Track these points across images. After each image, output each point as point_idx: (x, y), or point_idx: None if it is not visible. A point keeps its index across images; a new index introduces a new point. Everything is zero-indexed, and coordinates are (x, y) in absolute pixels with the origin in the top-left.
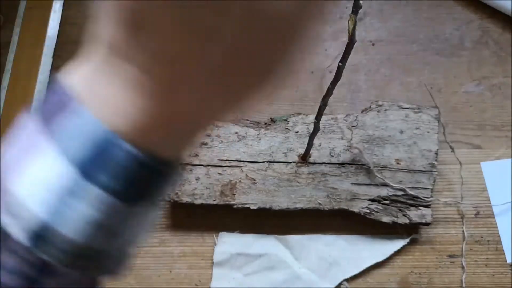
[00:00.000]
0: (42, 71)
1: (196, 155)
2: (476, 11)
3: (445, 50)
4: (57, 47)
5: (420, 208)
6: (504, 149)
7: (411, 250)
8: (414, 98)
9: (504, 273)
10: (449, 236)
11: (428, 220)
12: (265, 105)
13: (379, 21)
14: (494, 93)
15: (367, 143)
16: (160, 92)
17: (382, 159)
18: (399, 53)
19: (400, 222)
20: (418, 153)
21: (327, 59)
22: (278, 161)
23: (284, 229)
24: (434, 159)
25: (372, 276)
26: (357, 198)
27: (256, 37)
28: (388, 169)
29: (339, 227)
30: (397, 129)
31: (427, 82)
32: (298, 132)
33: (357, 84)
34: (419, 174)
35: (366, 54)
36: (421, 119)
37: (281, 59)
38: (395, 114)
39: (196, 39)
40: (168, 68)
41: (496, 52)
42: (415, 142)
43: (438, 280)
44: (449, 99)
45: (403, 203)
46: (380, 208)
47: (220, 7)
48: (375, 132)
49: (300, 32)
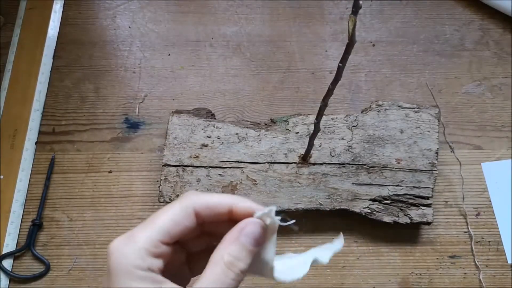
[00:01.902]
0: (43, 71)
1: (197, 157)
2: (476, 12)
3: (446, 51)
4: (57, 48)
5: (421, 207)
6: (505, 149)
7: (411, 250)
8: (415, 99)
9: (505, 273)
10: (450, 236)
11: (429, 219)
12: (265, 106)
13: (379, 21)
14: (495, 94)
15: (368, 143)
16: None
17: (383, 159)
18: (399, 54)
19: (401, 222)
20: (419, 153)
21: (327, 59)
22: (278, 162)
23: (284, 229)
24: (434, 158)
25: (373, 277)
26: (358, 198)
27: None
28: (388, 169)
29: (340, 227)
30: (397, 129)
31: (427, 83)
32: (298, 133)
33: (358, 85)
34: (419, 174)
35: (367, 54)
36: (421, 119)
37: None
38: (395, 114)
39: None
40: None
41: (497, 52)
42: (416, 142)
43: (439, 281)
44: (450, 99)
45: (404, 203)
46: (381, 208)
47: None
48: (375, 132)
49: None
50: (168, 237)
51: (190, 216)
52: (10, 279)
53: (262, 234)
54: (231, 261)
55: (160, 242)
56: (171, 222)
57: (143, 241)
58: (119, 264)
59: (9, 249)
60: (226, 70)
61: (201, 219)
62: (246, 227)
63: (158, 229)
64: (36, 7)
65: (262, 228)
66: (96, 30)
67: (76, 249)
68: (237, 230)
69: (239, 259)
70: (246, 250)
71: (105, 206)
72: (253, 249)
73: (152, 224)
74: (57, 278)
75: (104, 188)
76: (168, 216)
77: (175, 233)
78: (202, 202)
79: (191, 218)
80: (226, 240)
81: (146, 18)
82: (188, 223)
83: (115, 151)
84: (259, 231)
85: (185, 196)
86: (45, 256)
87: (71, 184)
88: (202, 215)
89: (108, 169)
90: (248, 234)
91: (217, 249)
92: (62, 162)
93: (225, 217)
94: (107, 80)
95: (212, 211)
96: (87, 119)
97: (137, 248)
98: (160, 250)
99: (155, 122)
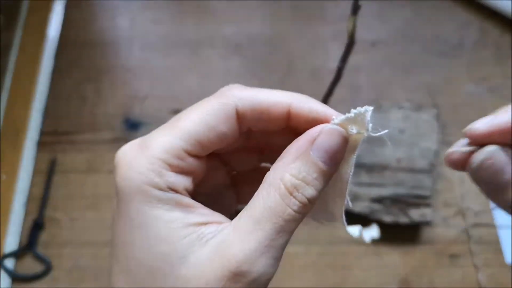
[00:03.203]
0: (43, 72)
1: None
2: (476, 13)
3: (445, 51)
4: (58, 49)
5: (420, 207)
6: None
7: (411, 250)
8: (414, 99)
9: (503, 273)
10: (449, 236)
11: (429, 219)
12: None
13: (379, 22)
14: (494, 94)
15: (367, 143)
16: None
17: (383, 159)
18: (399, 54)
19: (401, 222)
20: (418, 153)
21: (327, 59)
22: None
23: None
24: (434, 158)
25: (373, 277)
26: (358, 198)
27: None
28: (388, 169)
29: (340, 227)
30: (397, 129)
31: (427, 83)
32: None
33: (358, 85)
34: (419, 174)
35: (366, 55)
36: (421, 119)
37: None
38: (395, 114)
39: None
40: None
41: (496, 53)
42: (415, 142)
43: (439, 281)
44: (449, 100)
45: (404, 203)
46: (381, 208)
47: None
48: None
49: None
50: (198, 146)
51: (229, 118)
52: (12, 278)
53: (343, 149)
54: (296, 184)
55: (185, 152)
56: (203, 124)
57: (161, 149)
58: (129, 181)
59: (10, 249)
60: (226, 70)
61: (246, 125)
62: (321, 136)
63: (183, 133)
64: (37, 8)
65: (343, 140)
66: (96, 31)
67: (77, 249)
68: (306, 140)
69: (308, 182)
70: (319, 170)
71: (106, 206)
72: (329, 170)
73: (175, 127)
74: (58, 278)
75: (105, 188)
76: (199, 116)
77: (208, 141)
78: (249, 99)
79: (230, 122)
80: (289, 153)
81: (146, 19)
82: (227, 128)
83: (115, 151)
84: (340, 143)
85: (225, 91)
86: (46, 256)
87: (72, 184)
88: (247, 118)
89: (109, 169)
90: (323, 147)
91: (275, 165)
92: (63, 162)
93: (282, 124)
94: (107, 81)
95: (263, 113)
96: (88, 120)
97: (152, 159)
98: (186, 164)
99: (156, 122)
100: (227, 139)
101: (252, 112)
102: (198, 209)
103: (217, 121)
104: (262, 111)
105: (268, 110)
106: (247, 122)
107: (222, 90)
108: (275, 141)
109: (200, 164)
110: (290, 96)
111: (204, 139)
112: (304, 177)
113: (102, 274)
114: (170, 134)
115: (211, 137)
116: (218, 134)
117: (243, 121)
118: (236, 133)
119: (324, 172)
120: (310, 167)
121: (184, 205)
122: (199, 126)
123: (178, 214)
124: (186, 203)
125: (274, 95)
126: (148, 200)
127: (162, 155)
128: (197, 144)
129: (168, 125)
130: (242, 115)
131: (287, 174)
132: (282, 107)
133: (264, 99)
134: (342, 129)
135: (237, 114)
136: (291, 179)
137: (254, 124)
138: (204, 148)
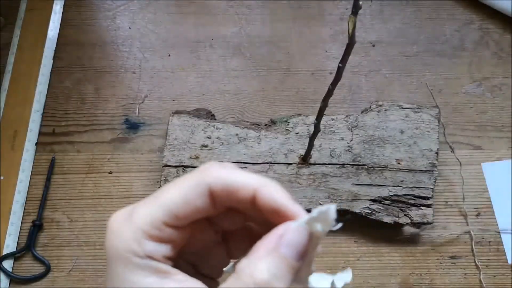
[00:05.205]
0: (43, 72)
1: (197, 157)
2: (476, 12)
3: (446, 51)
4: (57, 49)
5: (421, 207)
6: (505, 150)
7: (412, 251)
8: (415, 99)
9: (505, 274)
10: (450, 237)
11: (430, 220)
12: (265, 107)
13: (379, 22)
14: (495, 94)
15: (368, 143)
16: None
17: (383, 159)
18: (399, 54)
19: (402, 222)
20: (419, 153)
21: (327, 60)
22: (278, 162)
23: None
24: (434, 159)
25: (373, 277)
26: (358, 199)
27: None
28: (388, 169)
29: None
30: (397, 129)
31: (427, 83)
32: (298, 133)
33: (358, 85)
34: (420, 174)
35: (366, 55)
36: (421, 119)
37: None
38: (395, 114)
39: None
40: None
41: (497, 53)
42: (416, 142)
43: (440, 281)
44: (450, 100)
45: (404, 203)
46: (382, 208)
47: None
48: (375, 132)
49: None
50: (175, 219)
51: (203, 196)
52: (11, 280)
53: (310, 244)
54: (267, 279)
55: (164, 224)
56: (180, 199)
57: (142, 220)
58: (114, 247)
59: (9, 250)
60: (226, 70)
61: (218, 201)
62: (289, 233)
63: (162, 207)
64: (36, 8)
65: (309, 237)
66: (96, 31)
67: (77, 250)
68: (275, 237)
69: (278, 277)
70: (288, 265)
71: (105, 207)
72: (297, 265)
73: (157, 200)
74: (57, 279)
75: (104, 189)
76: (178, 191)
77: (184, 214)
78: (221, 179)
79: (203, 199)
80: (259, 249)
81: (146, 19)
82: (201, 203)
83: (115, 152)
84: (305, 240)
85: (203, 169)
86: (45, 257)
87: (71, 185)
88: (218, 196)
89: (108, 169)
90: (291, 244)
91: (246, 258)
92: (62, 163)
93: (248, 205)
94: (107, 81)
95: (232, 193)
96: (87, 120)
97: (134, 229)
98: (164, 234)
99: (155, 123)
100: (202, 212)
101: (222, 191)
102: (174, 275)
103: (192, 196)
104: (232, 192)
105: (236, 191)
106: (219, 199)
107: (202, 168)
108: (251, 213)
109: (180, 233)
110: (257, 181)
111: (181, 212)
112: (275, 273)
113: (101, 275)
114: (152, 207)
115: (187, 210)
116: (193, 209)
117: (215, 198)
118: (210, 208)
119: (293, 267)
120: (280, 262)
121: (161, 272)
122: (177, 200)
123: (154, 279)
124: (162, 269)
125: (243, 177)
126: (128, 266)
127: (143, 226)
128: (174, 216)
129: (152, 198)
130: (214, 193)
131: (258, 270)
132: (248, 191)
133: (233, 181)
134: (308, 226)
135: (210, 192)
136: (262, 275)
137: (225, 202)
138: (181, 220)
